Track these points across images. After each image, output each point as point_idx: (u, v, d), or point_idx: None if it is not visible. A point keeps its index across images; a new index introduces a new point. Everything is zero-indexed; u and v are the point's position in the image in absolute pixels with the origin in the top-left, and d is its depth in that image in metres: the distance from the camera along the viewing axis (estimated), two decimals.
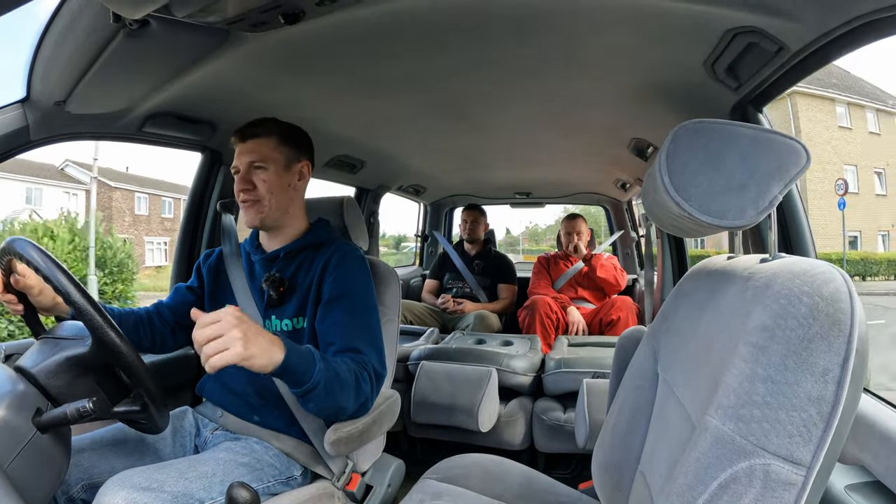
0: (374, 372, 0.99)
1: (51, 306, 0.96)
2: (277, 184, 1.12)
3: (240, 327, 0.73)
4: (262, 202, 1.11)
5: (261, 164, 1.10)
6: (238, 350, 0.72)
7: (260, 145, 1.11)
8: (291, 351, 0.82)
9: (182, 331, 1.20)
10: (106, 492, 0.81)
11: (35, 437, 0.74)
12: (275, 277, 1.11)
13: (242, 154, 1.11)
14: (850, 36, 0.81)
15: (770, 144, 0.63)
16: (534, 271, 2.89)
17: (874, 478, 0.73)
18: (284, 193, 1.14)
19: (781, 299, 0.53)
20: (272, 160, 1.11)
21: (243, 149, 1.11)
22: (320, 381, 0.85)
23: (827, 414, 0.49)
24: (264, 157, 1.11)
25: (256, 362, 0.75)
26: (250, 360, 0.74)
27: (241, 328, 0.73)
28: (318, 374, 0.85)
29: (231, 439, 1.08)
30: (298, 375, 0.83)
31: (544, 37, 1.04)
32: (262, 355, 0.76)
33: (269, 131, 1.13)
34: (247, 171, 1.10)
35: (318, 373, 0.85)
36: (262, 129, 1.12)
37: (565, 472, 1.92)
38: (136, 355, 0.80)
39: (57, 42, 0.89)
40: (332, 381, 0.88)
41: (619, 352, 1.09)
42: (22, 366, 0.81)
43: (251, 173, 1.10)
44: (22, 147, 1.04)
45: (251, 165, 1.10)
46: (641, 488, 0.80)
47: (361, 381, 0.95)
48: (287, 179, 1.14)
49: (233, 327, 0.73)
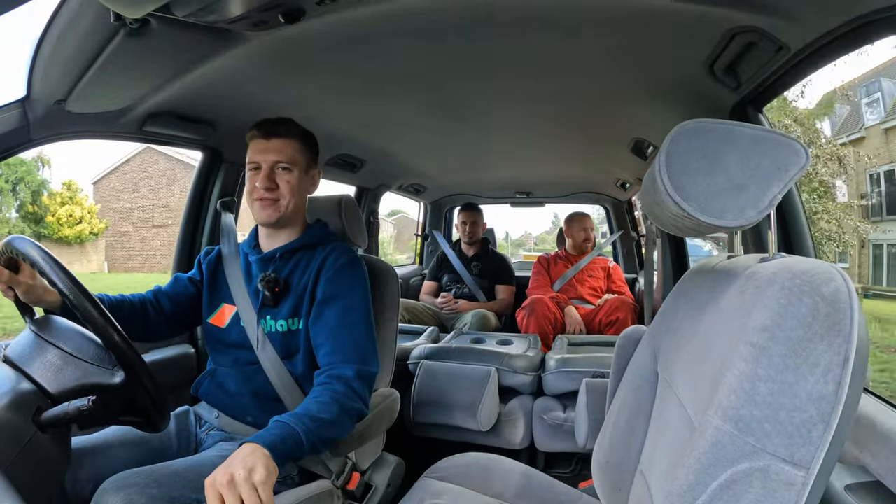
0: (357, 383, 1.00)
1: (36, 302, 0.95)
2: (298, 186, 1.13)
3: (219, 485, 0.72)
4: (282, 202, 1.11)
5: (287, 166, 1.11)
6: (244, 488, 0.72)
7: (286, 146, 1.11)
8: (267, 437, 0.81)
9: (177, 319, 1.19)
10: (104, 492, 0.81)
11: (35, 436, 0.74)
12: (270, 278, 1.11)
13: (267, 151, 1.10)
14: (851, 35, 0.81)
15: (770, 144, 0.63)
16: (533, 271, 2.89)
17: (874, 478, 0.73)
18: (301, 196, 1.15)
19: (782, 299, 0.53)
20: (297, 163, 1.12)
21: (268, 146, 1.11)
22: (312, 437, 0.86)
23: (827, 414, 0.49)
24: (291, 158, 1.11)
25: (260, 470, 0.74)
26: (256, 475, 0.73)
27: (220, 483, 0.72)
28: (306, 434, 0.86)
29: (227, 439, 1.08)
30: (292, 449, 0.84)
31: (544, 36, 1.04)
32: (257, 463, 0.74)
33: (294, 133, 1.13)
34: (271, 169, 1.10)
35: (304, 433, 0.85)
36: (287, 129, 1.13)
37: (565, 471, 1.92)
38: (136, 356, 0.80)
39: (57, 41, 0.89)
40: (321, 427, 0.89)
41: (619, 351, 1.09)
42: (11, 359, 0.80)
43: (276, 173, 1.10)
44: (22, 146, 1.04)
45: (277, 164, 1.10)
46: (641, 488, 0.80)
47: (346, 403, 0.96)
48: (305, 183, 1.16)
49: (221, 486, 0.72)
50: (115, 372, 0.80)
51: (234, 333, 1.12)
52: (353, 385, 0.99)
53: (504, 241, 33.48)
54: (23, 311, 0.91)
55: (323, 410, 0.91)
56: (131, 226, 17.45)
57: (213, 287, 1.19)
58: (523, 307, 2.56)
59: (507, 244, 34.96)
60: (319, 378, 1.00)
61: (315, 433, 0.87)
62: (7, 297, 0.91)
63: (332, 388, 0.97)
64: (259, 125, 1.12)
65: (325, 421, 0.90)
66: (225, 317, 1.15)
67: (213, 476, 0.73)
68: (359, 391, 0.99)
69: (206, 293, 1.19)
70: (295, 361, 1.09)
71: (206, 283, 1.20)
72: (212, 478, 0.73)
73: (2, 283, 0.89)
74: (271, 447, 0.79)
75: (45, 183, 15.86)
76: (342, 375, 0.99)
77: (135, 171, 17.36)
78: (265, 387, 1.07)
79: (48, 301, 0.95)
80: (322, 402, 0.93)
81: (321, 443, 0.90)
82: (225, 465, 0.74)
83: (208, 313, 1.18)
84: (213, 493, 0.71)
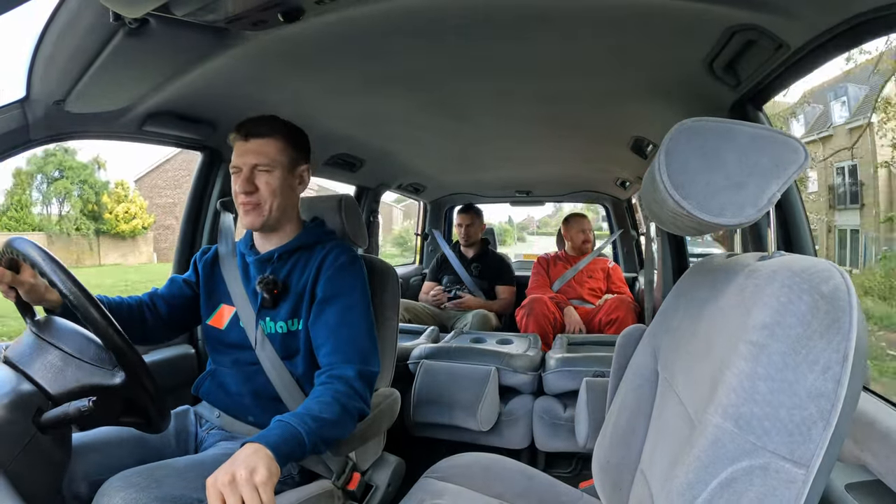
0: (358, 382, 0.99)
1: (38, 301, 0.95)
2: (280, 187, 1.07)
3: (220, 485, 0.71)
4: (263, 206, 1.07)
5: (266, 167, 1.06)
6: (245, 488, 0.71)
7: (265, 146, 1.06)
8: (269, 437, 0.81)
9: (174, 322, 1.19)
10: (105, 491, 0.81)
11: (35, 436, 0.74)
12: (269, 279, 1.09)
13: (246, 154, 1.06)
14: (851, 33, 0.81)
15: (769, 143, 0.63)
16: (533, 272, 2.89)
17: (874, 477, 0.73)
18: (286, 197, 1.10)
19: (781, 297, 0.53)
20: (277, 163, 1.07)
21: (246, 148, 1.06)
22: (315, 437, 0.86)
23: (827, 412, 0.49)
24: (271, 158, 1.06)
25: (262, 470, 0.73)
26: (257, 476, 0.72)
27: (221, 483, 0.71)
28: (308, 433, 0.85)
29: (227, 439, 1.08)
30: (295, 449, 0.83)
31: (544, 35, 1.04)
32: (258, 464, 0.74)
33: (275, 131, 1.08)
34: (250, 173, 1.06)
35: (306, 433, 0.85)
36: (267, 128, 1.07)
37: (566, 470, 1.92)
38: (137, 356, 0.80)
39: (56, 41, 0.89)
40: (323, 427, 0.88)
41: (620, 350, 1.09)
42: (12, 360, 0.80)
43: (254, 175, 1.06)
44: (21, 146, 1.04)
45: (255, 168, 1.06)
46: (642, 487, 0.80)
47: (348, 403, 0.96)
48: (290, 182, 1.11)
49: (223, 486, 0.71)
50: (116, 373, 0.80)
51: (234, 334, 1.12)
52: (354, 385, 0.98)
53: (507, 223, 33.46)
54: (23, 312, 0.91)
55: (325, 410, 0.91)
56: (174, 220, 18.37)
57: (211, 288, 1.18)
58: (522, 307, 2.56)
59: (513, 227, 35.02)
60: (320, 378, 1.00)
61: (317, 433, 0.87)
62: (8, 298, 0.91)
63: (334, 387, 0.96)
64: (239, 126, 1.08)
65: (327, 421, 0.90)
66: (224, 318, 1.15)
67: (214, 476, 0.72)
68: (360, 391, 0.99)
69: (203, 294, 1.19)
70: (295, 362, 1.09)
71: (202, 283, 1.19)
72: (213, 477, 0.72)
73: (3, 283, 0.89)
74: (272, 447, 0.78)
75: (106, 184, 17.42)
76: (343, 375, 0.99)
77: (176, 170, 18.07)
78: (266, 387, 1.07)
79: (51, 300, 0.95)
80: (324, 402, 0.92)
81: (323, 443, 0.89)
82: (227, 465, 0.74)
83: (207, 314, 1.17)
84: (215, 493, 0.71)
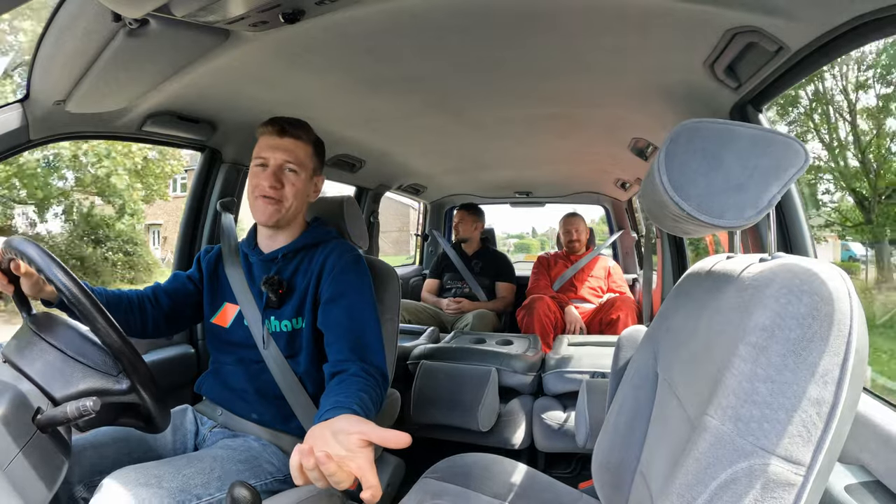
0: (380, 375, 1.00)
1: (34, 295, 0.93)
2: (303, 190, 1.13)
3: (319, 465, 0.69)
4: (284, 203, 1.10)
5: (296, 168, 1.10)
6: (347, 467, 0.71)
7: (299, 148, 1.11)
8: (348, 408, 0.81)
9: (175, 316, 1.18)
10: (105, 488, 0.81)
11: (35, 436, 0.74)
12: (274, 280, 1.10)
13: (277, 150, 1.09)
14: (851, 35, 0.80)
15: (769, 144, 0.63)
16: (533, 271, 2.90)
17: (874, 478, 0.73)
18: (303, 201, 1.15)
19: (781, 299, 0.53)
20: (305, 167, 1.12)
21: (279, 144, 1.10)
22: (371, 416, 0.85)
23: (826, 414, 0.49)
24: (301, 161, 1.11)
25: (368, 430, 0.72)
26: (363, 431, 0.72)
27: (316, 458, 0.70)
28: (366, 413, 0.84)
29: (229, 437, 1.08)
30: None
31: (544, 36, 1.04)
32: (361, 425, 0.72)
33: (308, 137, 1.13)
34: (279, 168, 1.09)
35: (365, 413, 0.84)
36: (304, 131, 1.12)
37: (565, 471, 1.92)
38: (137, 356, 0.80)
39: (57, 41, 0.89)
40: (367, 408, 0.88)
41: (619, 351, 1.09)
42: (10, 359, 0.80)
43: (282, 173, 1.09)
44: (22, 146, 1.04)
45: (285, 165, 1.09)
46: (641, 488, 0.80)
47: (375, 392, 0.96)
48: (309, 188, 1.15)
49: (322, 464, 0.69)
50: (116, 373, 0.80)
51: (238, 333, 1.12)
52: (368, 381, 0.98)
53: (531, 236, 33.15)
54: (21, 306, 0.91)
55: (360, 392, 0.90)
56: None
57: (214, 286, 1.19)
58: (523, 307, 2.56)
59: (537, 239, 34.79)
60: (336, 377, 0.99)
61: (367, 413, 0.85)
62: (6, 292, 0.90)
63: (353, 380, 0.96)
64: (273, 120, 1.11)
65: (366, 401, 0.89)
66: (228, 316, 1.15)
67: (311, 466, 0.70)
68: (382, 388, 0.99)
69: (206, 292, 1.19)
70: (298, 360, 1.10)
71: (206, 281, 1.20)
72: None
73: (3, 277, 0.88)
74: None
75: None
76: (357, 373, 0.98)
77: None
78: (269, 384, 1.08)
79: (49, 293, 0.94)
80: (351, 391, 0.91)
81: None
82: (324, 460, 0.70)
83: (210, 313, 1.17)
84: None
